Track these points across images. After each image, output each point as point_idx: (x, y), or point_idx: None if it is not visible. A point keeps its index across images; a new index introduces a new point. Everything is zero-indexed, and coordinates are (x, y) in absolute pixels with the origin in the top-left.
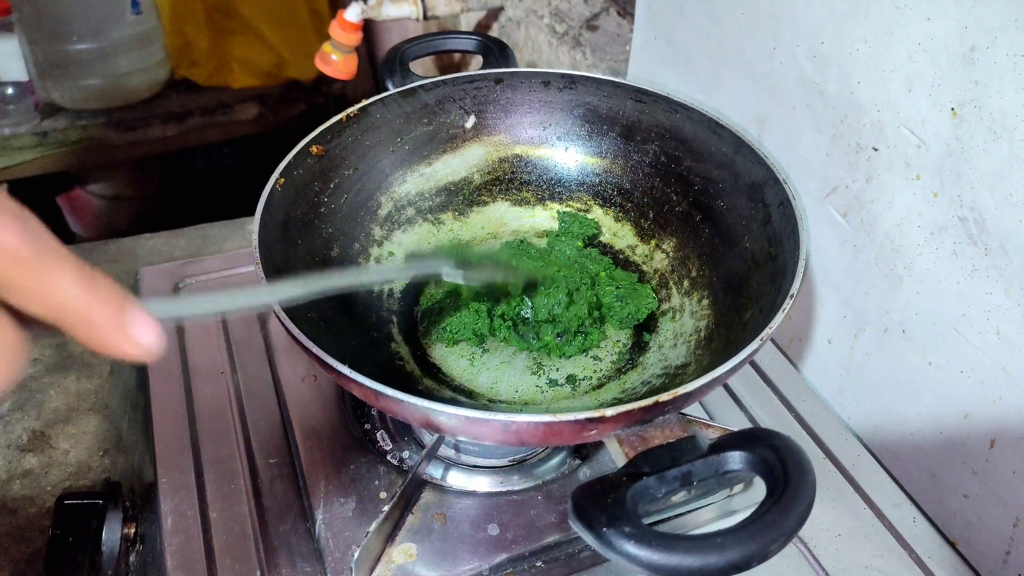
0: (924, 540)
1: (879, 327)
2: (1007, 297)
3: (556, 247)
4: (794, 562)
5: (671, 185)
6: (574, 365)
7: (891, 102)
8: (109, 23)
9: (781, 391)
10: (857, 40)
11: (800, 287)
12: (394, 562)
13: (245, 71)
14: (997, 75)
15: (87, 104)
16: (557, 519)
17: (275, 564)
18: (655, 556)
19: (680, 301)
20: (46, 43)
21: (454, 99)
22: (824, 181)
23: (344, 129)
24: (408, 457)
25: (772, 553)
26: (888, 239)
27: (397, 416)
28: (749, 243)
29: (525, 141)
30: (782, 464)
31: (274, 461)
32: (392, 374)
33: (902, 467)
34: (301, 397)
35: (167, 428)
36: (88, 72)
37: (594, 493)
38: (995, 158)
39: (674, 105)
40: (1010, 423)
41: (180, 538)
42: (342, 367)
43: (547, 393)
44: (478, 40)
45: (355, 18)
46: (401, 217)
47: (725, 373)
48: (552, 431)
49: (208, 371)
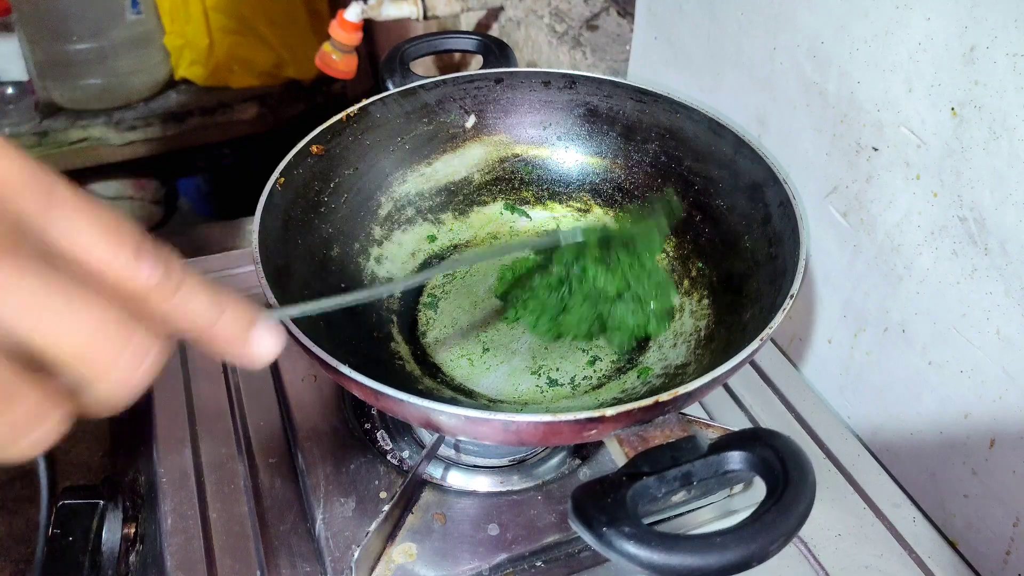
0: (924, 540)
1: (879, 327)
2: (1007, 297)
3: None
4: (794, 562)
5: (671, 185)
6: (574, 365)
7: (891, 102)
8: (109, 23)
9: (781, 391)
10: (857, 40)
11: (800, 287)
12: (394, 562)
13: (245, 71)
14: (997, 75)
15: (87, 104)
16: (557, 519)
17: (275, 564)
18: (655, 556)
19: (680, 301)
20: (46, 43)
21: (454, 99)
22: (824, 181)
23: (344, 129)
24: (408, 457)
25: (772, 553)
26: (888, 239)
27: (397, 416)
28: (749, 243)
29: (525, 141)
30: (782, 464)
31: (274, 461)
32: (392, 374)
33: (902, 467)
34: (301, 397)
35: (167, 428)
36: (88, 72)
37: (594, 493)
38: (995, 158)
39: (674, 105)
40: (1010, 423)
41: (180, 538)
42: (342, 367)
43: (547, 393)
44: (478, 40)
45: (355, 18)
46: (401, 217)
47: (725, 373)
48: (552, 431)
49: (208, 371)
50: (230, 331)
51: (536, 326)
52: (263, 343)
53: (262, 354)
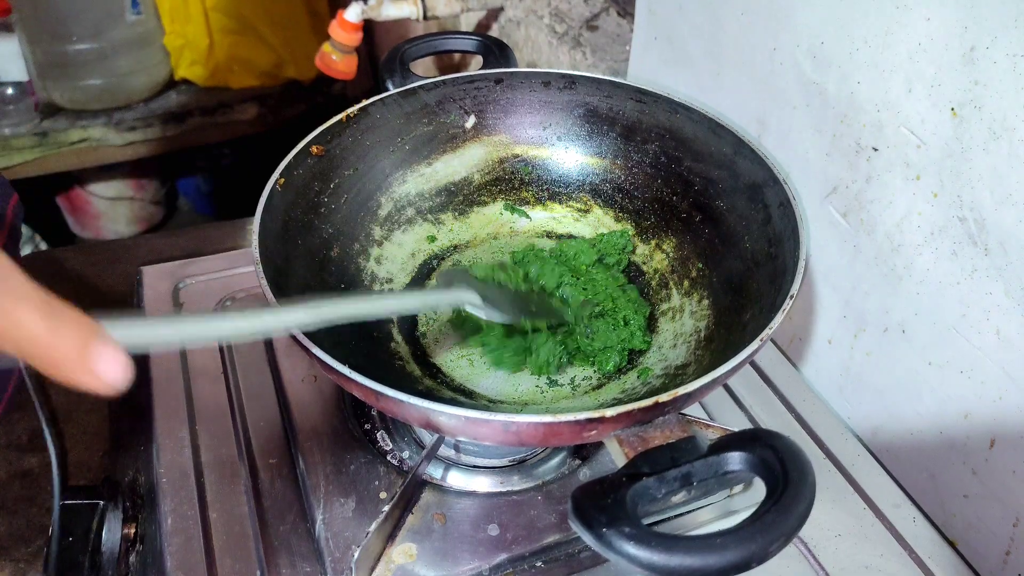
0: (924, 540)
1: (879, 327)
2: (1007, 297)
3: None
4: (794, 562)
5: (671, 185)
6: (574, 366)
7: (891, 102)
8: (109, 23)
9: (781, 391)
10: (857, 40)
11: (800, 287)
12: (394, 562)
13: (245, 71)
14: (997, 75)
15: (87, 104)
16: (557, 519)
17: (275, 564)
18: (655, 556)
19: (680, 301)
20: (46, 43)
21: (454, 99)
22: (824, 181)
23: (344, 129)
24: (408, 457)
25: (772, 554)
26: (888, 239)
27: (397, 416)
28: (749, 243)
29: (525, 141)
30: (782, 465)
31: (274, 461)
32: (392, 375)
33: (902, 467)
34: (301, 397)
35: (167, 428)
36: (88, 72)
37: (594, 493)
38: (995, 158)
39: (674, 105)
40: (1010, 423)
41: (180, 538)
42: (342, 367)
43: (547, 393)
44: (478, 40)
45: (355, 18)
46: (401, 217)
47: (725, 373)
48: (552, 431)
49: (208, 371)
50: (64, 348)
51: (500, 363)
52: (104, 366)
53: (105, 378)
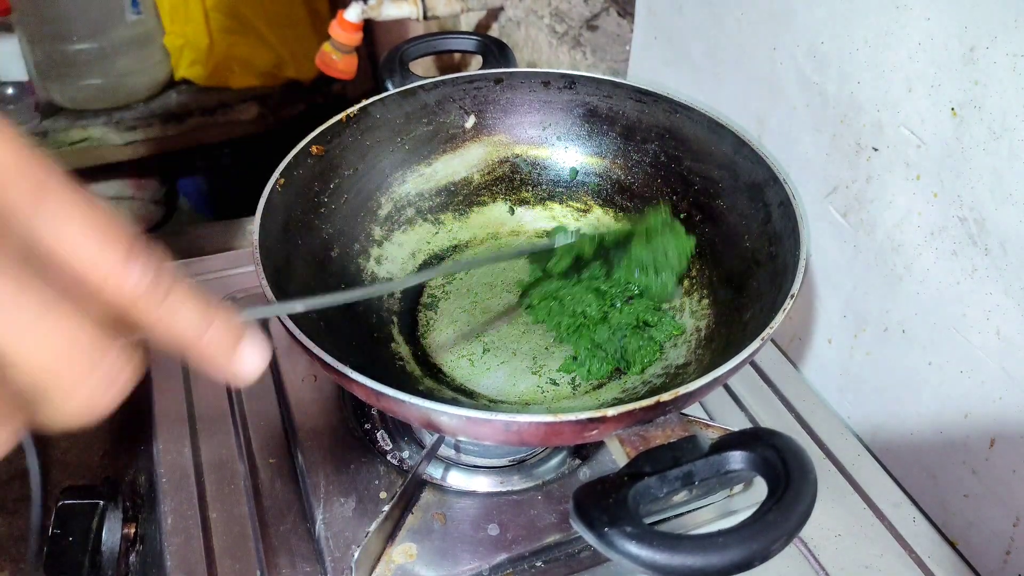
0: (924, 540)
1: (879, 327)
2: (1007, 297)
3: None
4: (794, 562)
5: (671, 185)
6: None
7: (891, 102)
8: (109, 23)
9: (781, 391)
10: (857, 40)
11: (800, 287)
12: (394, 562)
13: (245, 71)
14: (997, 75)
15: (87, 104)
16: (557, 519)
17: (275, 564)
18: (657, 556)
19: (680, 301)
20: (46, 43)
21: (454, 99)
22: (824, 181)
23: (344, 129)
24: (408, 457)
25: (774, 553)
26: (888, 239)
27: (398, 416)
28: (749, 243)
29: (525, 141)
30: (783, 464)
31: (274, 461)
32: (392, 375)
33: (902, 467)
34: (301, 397)
35: (167, 428)
36: (88, 72)
37: (595, 493)
38: (995, 158)
39: (674, 105)
40: (1010, 423)
41: (180, 538)
42: (342, 367)
43: (548, 393)
44: (478, 40)
45: (355, 18)
46: (401, 217)
47: (726, 373)
48: (553, 431)
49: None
50: (216, 345)
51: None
52: (249, 360)
53: (247, 371)
